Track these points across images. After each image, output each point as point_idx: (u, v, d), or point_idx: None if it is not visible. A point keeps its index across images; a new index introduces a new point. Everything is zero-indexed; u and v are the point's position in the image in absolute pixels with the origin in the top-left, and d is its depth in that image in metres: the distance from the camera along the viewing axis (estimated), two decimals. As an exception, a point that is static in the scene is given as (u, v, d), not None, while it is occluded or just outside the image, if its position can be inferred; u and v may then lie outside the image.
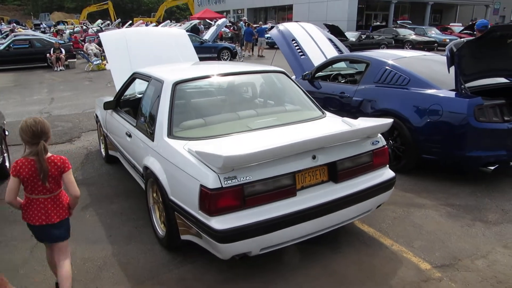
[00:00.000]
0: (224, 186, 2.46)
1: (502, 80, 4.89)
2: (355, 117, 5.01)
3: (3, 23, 42.01)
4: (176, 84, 3.31)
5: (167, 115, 3.13)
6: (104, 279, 2.91)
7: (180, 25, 26.17)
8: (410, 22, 29.13)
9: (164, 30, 6.71)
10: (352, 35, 20.35)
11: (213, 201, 2.47)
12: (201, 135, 3.03)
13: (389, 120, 3.08)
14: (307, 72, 6.11)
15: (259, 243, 2.61)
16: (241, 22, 23.62)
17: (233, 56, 17.83)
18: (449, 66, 4.24)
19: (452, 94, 4.23)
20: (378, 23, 28.93)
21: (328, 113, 3.63)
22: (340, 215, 2.91)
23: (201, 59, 16.75)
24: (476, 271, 2.87)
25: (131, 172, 4.19)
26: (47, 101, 9.98)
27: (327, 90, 5.74)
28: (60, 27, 35.66)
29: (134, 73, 4.21)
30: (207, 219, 2.51)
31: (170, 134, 3.04)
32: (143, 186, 3.60)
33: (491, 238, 3.30)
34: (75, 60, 17.41)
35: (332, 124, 3.30)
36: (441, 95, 4.29)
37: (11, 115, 8.07)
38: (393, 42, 20.93)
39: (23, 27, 34.85)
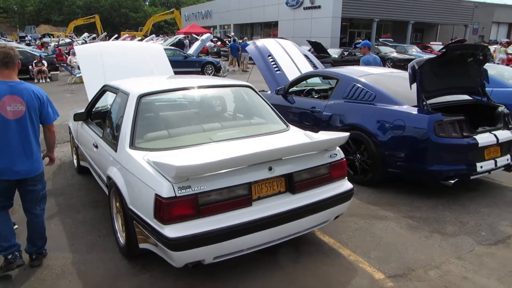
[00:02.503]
0: (178, 195, 2.52)
1: (465, 97, 5.07)
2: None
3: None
4: (141, 96, 3.37)
5: (130, 126, 3.18)
6: (60, 287, 2.91)
7: (164, 40, 26.36)
8: (391, 40, 29.88)
9: (140, 44, 6.81)
10: (334, 52, 20.79)
11: (166, 209, 2.52)
12: (163, 146, 3.09)
13: (345, 134, 3.19)
14: (281, 87, 6.24)
15: (212, 251, 2.65)
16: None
17: (217, 70, 18.00)
18: (411, 83, 4.40)
19: (414, 110, 4.38)
20: (360, 40, 29.58)
21: (292, 127, 3.72)
22: (297, 225, 2.98)
23: (184, 73, 16.92)
24: (427, 281, 2.95)
25: (99, 182, 4.21)
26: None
27: (299, 105, 5.86)
28: (45, 39, 35.53)
29: (104, 86, 4.26)
30: (161, 228, 2.55)
31: (132, 145, 3.09)
32: None
33: (446, 249, 3.40)
34: (58, 72, 17.36)
35: (292, 137, 3.40)
36: (404, 110, 4.44)
37: None
38: (375, 59, 21.41)
39: (5, 39, 34.60)
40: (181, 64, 17.15)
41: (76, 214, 4.14)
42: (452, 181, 4.20)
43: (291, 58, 7.25)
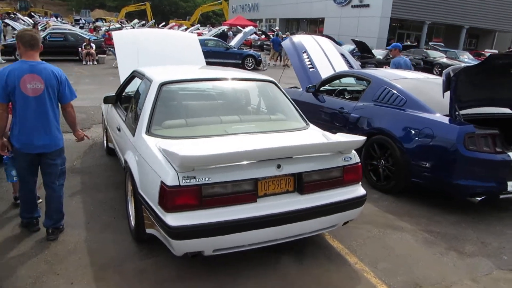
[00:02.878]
0: (182, 184, 2.55)
1: (505, 110, 4.77)
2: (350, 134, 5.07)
3: (44, 16, 43.86)
4: (162, 84, 3.43)
5: (149, 113, 3.25)
6: (70, 262, 3.03)
7: (209, 30, 26.66)
8: (442, 44, 28.58)
9: (175, 33, 6.93)
10: (379, 53, 20.15)
11: (170, 197, 2.55)
12: (178, 135, 3.13)
13: (361, 138, 3.09)
14: (311, 85, 6.14)
15: (212, 243, 2.67)
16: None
17: (257, 63, 18.01)
18: (444, 91, 4.19)
19: (445, 119, 4.18)
20: (409, 42, 28.53)
21: (311, 126, 3.66)
22: (302, 227, 2.94)
23: (225, 64, 17.09)
24: (434, 299, 2.82)
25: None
26: (85, 92, 10.36)
27: (328, 104, 5.75)
28: (98, 24, 36.99)
29: (133, 71, 4.37)
30: (164, 215, 2.59)
31: (148, 131, 3.14)
32: None
33: (461, 269, 3.23)
34: (105, 56, 18.01)
35: (308, 136, 3.33)
36: (433, 119, 4.24)
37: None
38: (422, 63, 20.55)
39: (61, 21, 36.29)
40: (222, 55, 17.31)
41: (97, 193, 4.30)
42: (479, 198, 3.97)
43: (326, 56, 7.11)
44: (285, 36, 21.28)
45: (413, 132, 4.34)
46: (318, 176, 2.98)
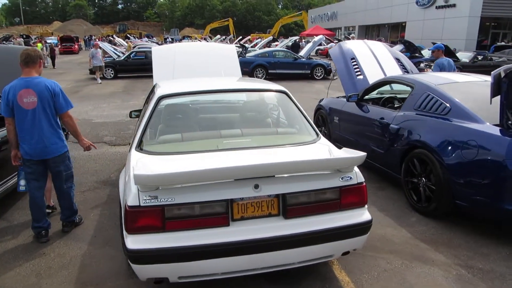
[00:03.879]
0: (142, 204, 2.37)
1: None
2: (389, 148, 4.47)
3: (139, 37, 47.92)
4: (161, 98, 3.32)
5: (143, 127, 3.15)
6: (58, 277, 3.03)
7: (281, 41, 26.67)
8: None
9: (213, 45, 6.87)
10: (465, 56, 18.24)
11: (129, 218, 2.39)
12: (169, 150, 2.97)
13: (359, 154, 2.62)
14: (353, 93, 5.62)
15: (177, 270, 2.44)
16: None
17: (327, 73, 17.47)
18: (492, 96, 3.47)
19: (494, 130, 3.45)
20: (503, 43, 25.38)
21: (322, 139, 3.25)
22: (286, 256, 2.57)
23: (294, 75, 16.63)
24: None
25: None
26: (140, 106, 11.01)
27: (370, 114, 5.19)
28: (184, 41, 39.34)
29: (154, 85, 4.37)
30: (125, 236, 2.44)
31: (138, 147, 3.03)
32: None
33: (498, 319, 2.56)
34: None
35: (310, 151, 2.95)
36: (479, 129, 3.53)
37: (105, 117, 9.32)
38: (519, 65, 18.13)
39: (151, 41, 39.24)
40: (291, 66, 17.12)
41: (117, 207, 4.34)
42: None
43: (378, 62, 6.49)
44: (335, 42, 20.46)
45: (455, 145, 3.66)
46: (307, 198, 2.59)
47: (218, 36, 45.47)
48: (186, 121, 3.53)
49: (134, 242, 2.38)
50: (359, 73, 6.30)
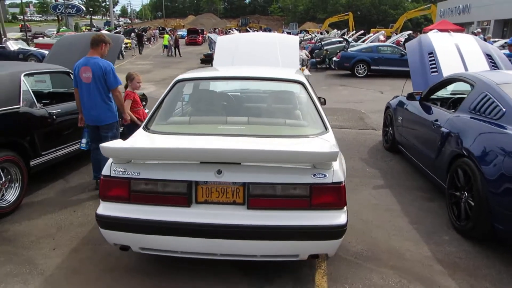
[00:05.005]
0: (112, 175, 2.55)
1: None
2: (438, 154, 3.95)
3: (258, 30, 49.57)
4: (178, 81, 3.48)
5: (154, 108, 3.35)
6: (71, 232, 3.40)
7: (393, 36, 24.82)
8: None
9: (277, 36, 6.75)
10: None
11: (102, 186, 2.60)
12: (169, 131, 3.09)
13: (332, 150, 2.37)
14: (415, 91, 5.05)
15: (138, 240, 2.57)
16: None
17: (438, 72, 15.85)
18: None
19: (546, 142, 2.79)
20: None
21: (326, 134, 3.04)
22: (247, 246, 2.51)
23: (399, 72, 15.43)
24: None
25: None
26: None
27: (426, 115, 4.62)
28: (300, 35, 39.54)
29: None
30: (99, 204, 2.65)
31: (144, 126, 3.21)
32: None
33: None
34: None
35: (295, 144, 2.79)
36: (527, 139, 2.89)
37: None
38: None
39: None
40: (396, 62, 15.92)
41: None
42: None
43: (462, 58, 5.69)
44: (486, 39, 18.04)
45: (499, 156, 3.06)
46: (272, 190, 2.47)
47: (335, 30, 44.51)
48: (198, 105, 3.63)
49: (104, 208, 2.57)
50: (434, 69, 5.63)
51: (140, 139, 2.85)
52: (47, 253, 3.12)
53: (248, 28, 49.06)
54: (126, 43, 26.80)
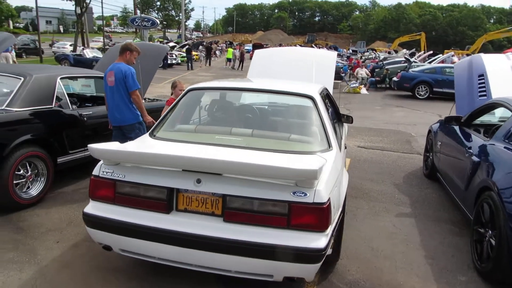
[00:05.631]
0: (100, 175, 2.62)
1: None
2: (467, 185, 3.61)
3: (323, 47, 49.35)
4: (189, 90, 3.54)
5: (162, 117, 3.43)
6: (81, 227, 3.57)
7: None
8: None
9: (315, 52, 6.58)
10: None
11: (91, 186, 2.68)
12: (170, 138, 3.11)
13: (310, 167, 2.23)
14: (454, 115, 4.66)
15: (118, 242, 2.60)
16: None
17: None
18: None
19: None
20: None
21: (327, 153, 2.89)
22: (221, 260, 2.42)
23: (443, 94, 14.18)
24: None
25: None
26: None
27: (461, 141, 4.23)
28: (366, 54, 38.68)
29: None
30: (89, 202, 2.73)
31: (151, 133, 3.27)
32: None
33: None
34: (340, 81, 18.81)
35: (289, 160, 2.66)
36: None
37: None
38: None
39: (340, 52, 39.83)
40: (443, 83, 14.86)
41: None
42: None
43: (517, 81, 5.18)
44: None
45: (523, 191, 2.70)
46: (250, 205, 2.38)
47: (405, 50, 42.93)
48: (207, 114, 3.65)
49: (91, 207, 2.65)
50: (483, 93, 5.17)
51: (135, 144, 2.92)
52: (50, 245, 3.28)
53: (313, 45, 48.97)
54: (193, 55, 28.01)
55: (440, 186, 5.17)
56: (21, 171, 3.85)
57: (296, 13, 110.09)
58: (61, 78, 4.41)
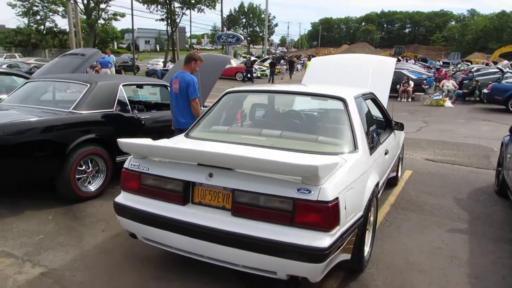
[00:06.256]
0: (129, 168, 2.87)
1: None
2: None
3: (411, 59, 46.91)
4: (226, 93, 3.70)
5: (199, 118, 3.64)
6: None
7: None
8: None
9: (371, 57, 6.24)
10: None
11: (122, 177, 2.93)
12: (202, 137, 3.31)
13: (312, 164, 2.19)
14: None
15: (141, 230, 2.81)
16: None
17: None
18: None
19: None
20: None
21: (351, 155, 2.83)
22: (227, 253, 2.49)
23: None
24: None
25: None
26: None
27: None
28: (459, 65, 35.95)
29: None
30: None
31: (186, 133, 3.48)
32: None
33: None
34: (422, 94, 17.75)
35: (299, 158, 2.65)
36: None
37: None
38: None
39: (419, 63, 37.67)
40: None
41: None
42: None
43: None
44: None
45: None
46: (256, 200, 2.42)
47: (505, 61, 38.98)
48: (242, 116, 3.75)
49: (121, 197, 2.90)
50: None
51: (165, 140, 3.12)
52: (96, 233, 3.62)
53: (399, 58, 46.82)
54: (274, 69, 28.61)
55: (510, 204, 4.62)
56: (83, 167, 4.31)
57: (385, 25, 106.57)
58: (123, 85, 4.87)
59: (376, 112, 4.23)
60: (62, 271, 2.96)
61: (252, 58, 33.00)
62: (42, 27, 44.47)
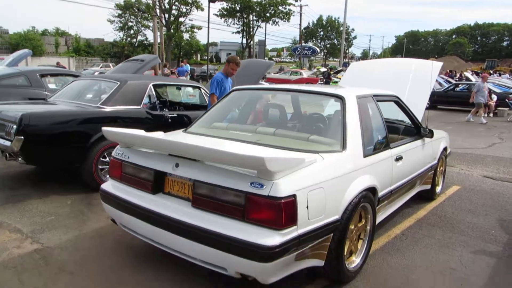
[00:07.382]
0: (115, 156, 2.96)
1: None
2: None
3: (500, 73, 42.55)
4: (233, 90, 3.69)
5: (201, 115, 3.66)
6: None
7: None
8: None
9: (413, 61, 5.63)
10: None
11: (109, 165, 3.04)
12: (197, 132, 3.32)
13: (258, 155, 2.04)
14: None
15: (118, 216, 2.87)
16: None
17: None
18: None
19: None
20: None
21: (336, 154, 2.63)
22: (184, 245, 2.43)
23: None
24: None
25: None
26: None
27: None
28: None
29: None
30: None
31: (185, 129, 3.50)
32: None
33: None
34: (507, 109, 15.95)
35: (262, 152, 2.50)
36: None
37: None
38: None
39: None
40: None
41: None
42: None
43: None
44: None
45: None
46: (213, 192, 2.34)
47: None
48: (243, 113, 3.69)
49: (108, 184, 3.00)
50: None
51: (157, 133, 3.16)
52: (101, 219, 3.76)
53: (491, 72, 42.80)
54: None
55: None
56: (107, 159, 4.56)
57: (478, 38, 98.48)
58: (153, 85, 5.09)
59: (397, 116, 3.89)
60: (53, 249, 3.13)
61: (322, 69, 32.59)
62: (134, 40, 48.93)
